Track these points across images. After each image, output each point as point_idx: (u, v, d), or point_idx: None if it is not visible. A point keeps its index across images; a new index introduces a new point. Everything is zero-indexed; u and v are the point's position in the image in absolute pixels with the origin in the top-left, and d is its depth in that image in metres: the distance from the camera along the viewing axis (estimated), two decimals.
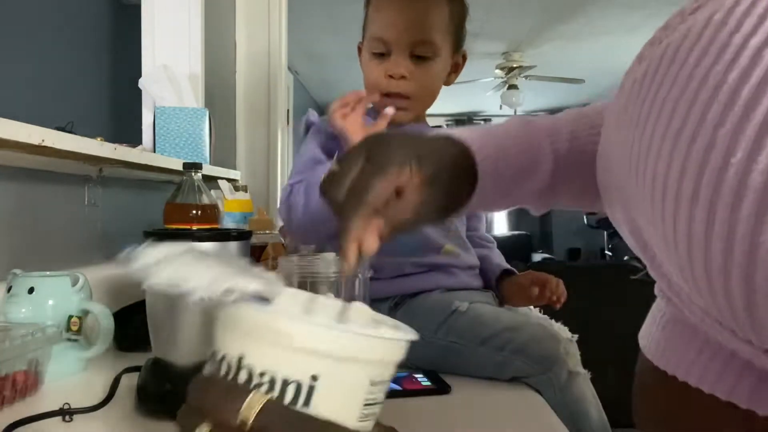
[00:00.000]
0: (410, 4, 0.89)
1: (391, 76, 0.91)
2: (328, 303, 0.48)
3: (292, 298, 0.46)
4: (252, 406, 0.39)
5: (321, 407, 0.42)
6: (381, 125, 0.87)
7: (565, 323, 0.89)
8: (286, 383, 0.40)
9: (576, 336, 0.86)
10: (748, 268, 0.23)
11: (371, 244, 0.48)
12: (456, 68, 0.98)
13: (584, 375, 0.79)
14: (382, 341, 0.44)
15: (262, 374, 0.40)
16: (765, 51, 0.23)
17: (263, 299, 0.42)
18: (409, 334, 0.45)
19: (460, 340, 0.80)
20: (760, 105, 0.23)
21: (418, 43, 0.89)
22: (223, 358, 0.42)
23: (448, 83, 0.98)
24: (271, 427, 0.38)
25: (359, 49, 0.99)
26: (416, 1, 0.89)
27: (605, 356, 1.22)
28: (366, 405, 0.44)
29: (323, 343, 0.41)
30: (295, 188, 0.87)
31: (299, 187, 0.86)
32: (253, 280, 0.42)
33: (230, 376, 0.41)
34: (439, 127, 1.08)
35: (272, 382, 0.40)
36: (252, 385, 0.40)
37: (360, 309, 0.48)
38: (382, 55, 0.91)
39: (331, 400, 0.42)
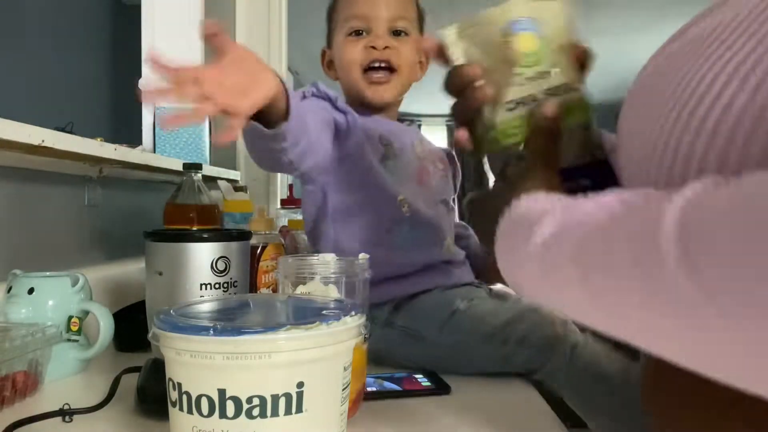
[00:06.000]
0: None
1: (373, 47, 0.90)
2: None
3: None
4: None
5: (311, 408, 0.42)
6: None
7: None
8: (276, 399, 0.41)
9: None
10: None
11: None
12: (422, 66, 0.99)
13: (584, 340, 0.78)
14: (348, 329, 0.45)
15: (249, 399, 0.41)
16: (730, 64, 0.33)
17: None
18: (360, 311, 0.48)
19: (465, 338, 0.80)
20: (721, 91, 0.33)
21: (398, 17, 0.91)
22: (200, 397, 0.42)
23: (417, 79, 0.98)
24: None
25: (322, 55, 0.99)
26: None
27: None
28: (343, 389, 0.46)
29: (301, 350, 0.42)
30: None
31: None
32: None
33: (215, 412, 0.41)
34: (411, 123, 1.09)
35: (263, 403, 0.41)
36: (243, 411, 0.41)
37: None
38: (359, 33, 0.91)
39: (318, 398, 0.43)
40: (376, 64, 0.91)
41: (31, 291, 0.76)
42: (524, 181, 0.48)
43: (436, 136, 5.71)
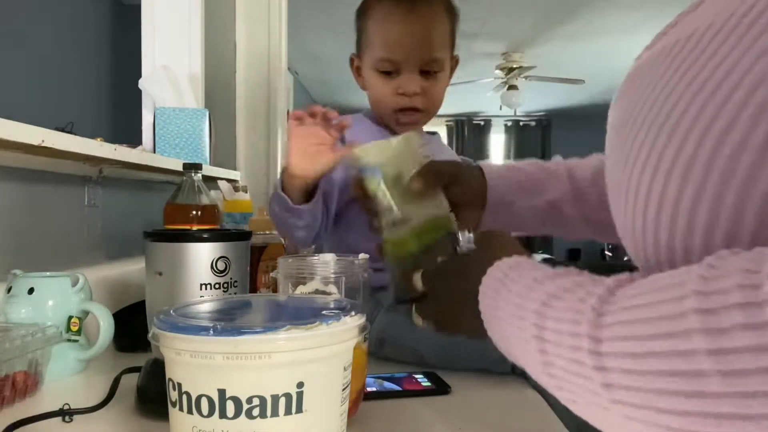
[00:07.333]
0: (416, 22, 0.89)
1: (403, 94, 0.92)
2: None
3: None
4: None
5: (311, 408, 0.42)
6: (345, 151, 0.81)
7: None
8: (276, 399, 0.41)
9: None
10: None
11: None
12: (450, 72, 1.00)
13: None
14: (348, 329, 0.45)
15: (249, 399, 0.41)
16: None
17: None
18: (359, 310, 0.48)
19: None
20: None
21: (428, 61, 0.91)
22: (199, 397, 0.42)
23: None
24: None
25: (351, 61, 0.99)
26: (421, 18, 0.89)
27: None
28: (343, 389, 0.46)
29: (301, 350, 0.42)
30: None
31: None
32: None
33: (215, 412, 0.41)
34: (434, 133, 1.09)
35: (263, 403, 0.41)
36: (243, 411, 0.41)
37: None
38: (389, 73, 0.92)
39: (319, 398, 0.43)
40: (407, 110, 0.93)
41: (31, 291, 0.76)
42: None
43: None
